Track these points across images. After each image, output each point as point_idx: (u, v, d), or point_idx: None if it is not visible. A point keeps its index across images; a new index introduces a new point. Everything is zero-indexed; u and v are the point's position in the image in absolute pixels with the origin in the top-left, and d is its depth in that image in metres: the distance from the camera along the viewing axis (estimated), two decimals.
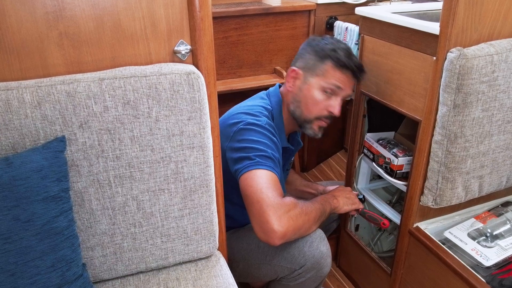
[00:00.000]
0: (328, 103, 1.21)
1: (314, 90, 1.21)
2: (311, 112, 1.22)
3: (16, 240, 0.73)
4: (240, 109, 1.20)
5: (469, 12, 1.01)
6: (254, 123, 1.14)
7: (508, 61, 1.05)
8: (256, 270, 1.23)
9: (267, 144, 1.11)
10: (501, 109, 1.10)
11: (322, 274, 1.19)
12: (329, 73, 1.19)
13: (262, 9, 1.79)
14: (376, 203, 1.50)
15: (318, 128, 1.25)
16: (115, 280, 0.98)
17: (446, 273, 1.17)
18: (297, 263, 1.16)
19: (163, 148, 0.89)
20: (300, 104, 1.23)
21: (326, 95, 1.21)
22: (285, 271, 1.19)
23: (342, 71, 1.19)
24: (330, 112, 1.22)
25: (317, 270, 1.17)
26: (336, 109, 1.21)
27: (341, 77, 1.20)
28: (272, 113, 1.24)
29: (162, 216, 0.94)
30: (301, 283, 1.19)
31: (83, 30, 0.83)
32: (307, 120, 1.23)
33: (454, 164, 1.11)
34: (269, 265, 1.20)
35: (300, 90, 1.23)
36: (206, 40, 0.90)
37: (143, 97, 0.85)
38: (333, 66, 1.19)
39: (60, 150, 0.79)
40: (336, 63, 1.19)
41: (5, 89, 0.78)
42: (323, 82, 1.20)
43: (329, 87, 1.20)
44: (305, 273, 1.17)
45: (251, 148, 1.08)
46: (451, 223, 1.30)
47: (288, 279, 1.20)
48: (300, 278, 1.19)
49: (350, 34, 1.64)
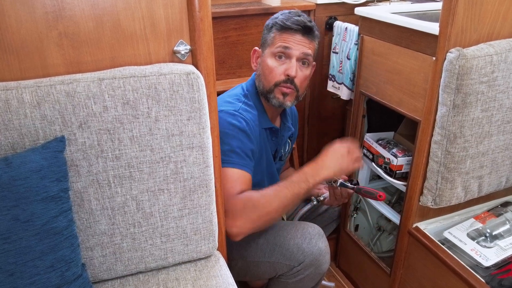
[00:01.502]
0: (283, 67, 1.22)
1: (267, 59, 1.23)
2: (269, 80, 1.23)
3: (16, 240, 0.73)
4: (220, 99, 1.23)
5: (469, 13, 1.01)
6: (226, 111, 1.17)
7: (508, 61, 1.05)
8: (255, 268, 1.23)
9: (234, 136, 1.13)
10: (501, 109, 1.10)
11: (320, 271, 1.20)
12: (275, 38, 1.22)
13: (262, 9, 1.79)
14: (376, 203, 1.50)
15: (282, 96, 1.24)
16: (115, 280, 0.98)
17: (446, 273, 1.17)
18: (295, 260, 1.17)
19: (163, 148, 0.89)
20: (260, 77, 1.26)
21: (279, 60, 1.22)
22: (283, 268, 1.19)
23: (288, 32, 1.20)
24: (287, 76, 1.22)
25: (315, 267, 1.18)
26: (291, 70, 1.21)
27: (287, 38, 1.21)
28: (248, 95, 1.27)
29: (161, 216, 0.94)
30: (300, 280, 1.20)
31: (83, 30, 0.83)
32: (269, 89, 1.24)
33: (454, 164, 1.11)
34: (268, 262, 1.20)
35: (259, 65, 1.27)
36: (205, 40, 0.90)
37: (142, 97, 0.85)
38: (277, 31, 1.22)
39: (59, 150, 0.79)
40: (279, 27, 1.21)
41: (4, 89, 0.78)
42: (272, 49, 1.22)
43: (277, 50, 1.21)
44: (304, 270, 1.18)
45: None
46: (451, 223, 1.30)
47: (287, 276, 1.20)
48: (298, 275, 1.19)
49: (350, 34, 1.64)
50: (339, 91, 1.75)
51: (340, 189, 1.32)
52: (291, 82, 1.22)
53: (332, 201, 1.39)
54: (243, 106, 1.22)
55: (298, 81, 1.22)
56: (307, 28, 1.21)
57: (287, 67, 1.21)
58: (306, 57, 1.22)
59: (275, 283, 1.25)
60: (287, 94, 1.24)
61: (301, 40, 1.21)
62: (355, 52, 1.55)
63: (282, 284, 1.23)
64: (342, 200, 1.37)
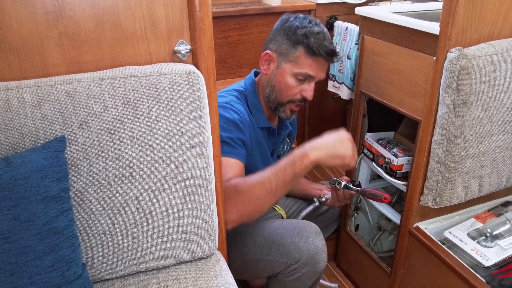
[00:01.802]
0: (301, 87, 1.24)
1: (287, 76, 1.23)
2: (285, 97, 1.25)
3: (16, 240, 0.73)
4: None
5: (469, 12, 1.01)
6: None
7: (508, 61, 1.05)
8: (253, 266, 1.24)
9: (222, 126, 1.13)
10: (501, 109, 1.10)
11: (317, 270, 1.20)
12: (301, 60, 1.21)
13: (262, 9, 1.79)
14: (376, 203, 1.50)
15: (290, 112, 1.29)
16: (115, 280, 0.98)
17: (446, 273, 1.17)
18: (292, 258, 1.17)
19: (163, 148, 0.89)
20: (274, 88, 1.26)
21: (299, 81, 1.23)
22: (281, 266, 1.20)
23: (314, 58, 1.21)
24: (303, 97, 1.24)
25: (312, 265, 1.18)
26: (308, 93, 1.24)
27: (313, 64, 1.21)
28: (245, 94, 1.28)
29: (162, 216, 0.94)
30: (297, 278, 1.20)
31: (83, 30, 0.83)
32: (281, 103, 1.26)
33: (454, 164, 1.11)
34: (266, 260, 1.21)
35: (274, 75, 1.26)
36: (206, 40, 0.90)
37: (143, 97, 0.85)
38: (305, 53, 1.21)
39: (60, 150, 0.79)
40: (308, 50, 1.20)
41: (5, 89, 0.78)
42: (296, 69, 1.22)
43: (301, 75, 1.22)
44: (301, 268, 1.18)
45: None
46: (451, 223, 1.30)
47: (284, 275, 1.21)
48: (295, 274, 1.19)
49: (350, 34, 1.64)
50: (339, 91, 1.76)
51: (342, 191, 1.32)
52: (304, 101, 1.27)
53: (334, 202, 1.39)
54: (234, 99, 1.24)
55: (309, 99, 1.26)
56: (333, 56, 1.23)
57: (305, 89, 1.24)
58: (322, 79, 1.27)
59: (274, 282, 1.26)
60: (295, 112, 1.29)
61: (325, 66, 1.24)
62: (355, 51, 1.55)
63: (280, 282, 1.24)
64: (344, 201, 1.37)
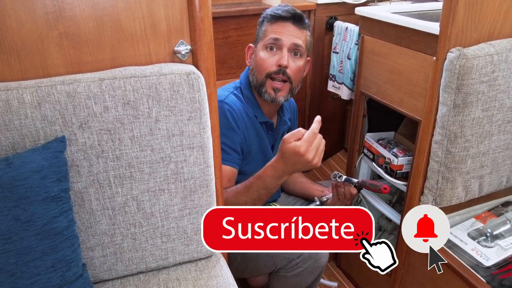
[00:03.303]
0: (275, 58, 1.21)
1: (259, 52, 1.24)
2: (261, 72, 1.23)
3: (16, 241, 0.73)
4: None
5: (469, 12, 1.01)
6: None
7: (508, 61, 1.05)
8: (254, 262, 1.23)
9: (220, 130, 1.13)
10: (501, 109, 1.10)
11: (319, 265, 1.20)
12: (267, 31, 1.22)
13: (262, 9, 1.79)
14: (376, 203, 1.50)
15: (273, 91, 1.23)
16: (115, 280, 0.98)
17: (446, 273, 1.16)
18: (294, 253, 1.17)
19: (163, 148, 0.89)
20: (253, 71, 1.26)
21: (271, 52, 1.22)
22: (282, 261, 1.19)
23: (277, 23, 1.21)
24: (279, 66, 1.21)
25: (314, 260, 1.18)
26: (282, 59, 1.20)
27: (277, 29, 1.21)
28: (241, 88, 1.28)
29: (162, 216, 0.94)
30: (299, 273, 1.20)
31: (83, 30, 0.83)
32: (261, 82, 1.23)
33: (454, 164, 1.11)
34: (267, 256, 1.20)
35: (253, 59, 1.27)
36: (206, 40, 0.90)
37: (143, 97, 0.85)
38: (268, 23, 1.22)
39: (60, 150, 0.79)
40: (269, 17, 1.22)
41: (5, 89, 0.78)
42: (264, 41, 1.23)
43: (268, 42, 1.21)
44: (302, 263, 1.18)
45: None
46: (451, 223, 1.30)
47: (286, 270, 1.21)
48: (297, 269, 1.19)
49: (350, 34, 1.64)
50: (339, 91, 1.76)
51: (343, 190, 1.32)
52: (283, 72, 1.21)
53: (335, 201, 1.39)
54: (231, 94, 1.24)
55: (291, 72, 1.21)
56: (296, 16, 1.21)
57: (278, 58, 1.21)
58: (297, 48, 1.22)
59: (275, 278, 1.25)
60: (279, 90, 1.23)
61: (292, 30, 1.21)
62: (355, 52, 1.55)
63: (282, 278, 1.23)
64: (345, 201, 1.37)
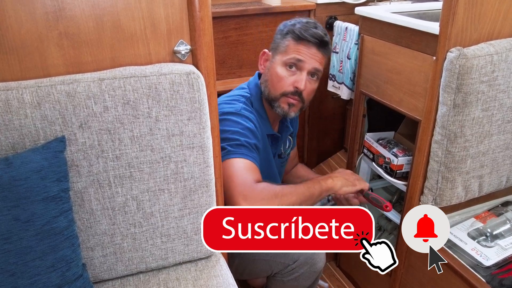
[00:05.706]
0: (293, 78, 1.21)
1: (277, 66, 1.22)
2: (277, 89, 1.22)
3: (16, 240, 0.73)
4: (219, 100, 1.22)
5: (469, 12, 1.01)
6: (228, 112, 1.17)
7: (508, 60, 1.05)
8: (251, 265, 1.24)
9: (239, 132, 1.13)
10: (501, 108, 1.10)
11: (315, 270, 1.20)
12: (290, 48, 1.20)
13: (262, 9, 1.79)
14: None
15: (287, 106, 1.23)
16: (115, 280, 0.98)
17: (446, 273, 1.16)
18: (290, 258, 1.18)
19: (163, 148, 0.89)
20: (267, 83, 1.24)
21: (290, 71, 1.21)
22: (279, 266, 1.20)
23: (303, 44, 1.19)
24: (295, 88, 1.21)
25: (310, 265, 1.18)
26: (300, 83, 1.20)
27: (301, 49, 1.19)
28: (251, 100, 1.26)
29: (162, 216, 0.94)
30: (296, 278, 1.20)
31: (83, 30, 0.83)
32: (274, 97, 1.23)
33: (454, 164, 1.11)
34: (264, 260, 1.21)
35: (268, 70, 1.25)
36: (206, 40, 0.90)
37: (143, 97, 0.85)
38: (293, 40, 1.20)
39: (60, 150, 0.79)
40: (296, 37, 1.19)
41: (5, 89, 0.78)
42: (285, 57, 1.21)
43: (290, 61, 1.20)
44: (299, 268, 1.18)
45: (224, 138, 1.11)
46: (451, 223, 1.30)
47: (283, 275, 1.21)
48: (294, 273, 1.19)
49: (350, 34, 1.64)
50: (339, 91, 1.75)
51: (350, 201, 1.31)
52: (299, 94, 1.22)
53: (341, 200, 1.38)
54: (243, 106, 1.22)
55: (305, 94, 1.22)
56: (323, 43, 1.21)
57: (296, 79, 1.20)
58: (317, 72, 1.22)
59: (272, 281, 1.26)
60: (293, 105, 1.24)
61: (315, 54, 1.21)
62: (355, 51, 1.55)
63: (279, 282, 1.24)
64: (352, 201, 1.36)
